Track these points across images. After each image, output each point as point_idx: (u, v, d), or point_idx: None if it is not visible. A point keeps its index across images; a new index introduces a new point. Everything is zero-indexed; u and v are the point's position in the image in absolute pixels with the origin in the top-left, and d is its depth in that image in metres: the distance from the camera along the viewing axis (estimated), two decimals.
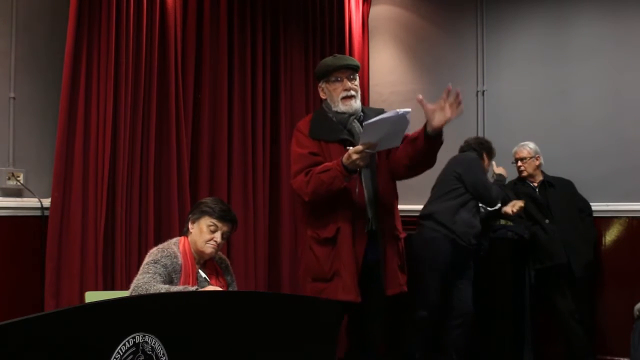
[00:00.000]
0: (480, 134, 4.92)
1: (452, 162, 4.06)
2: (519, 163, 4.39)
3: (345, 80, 2.97)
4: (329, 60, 3.05)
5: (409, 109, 2.69)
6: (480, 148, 4.15)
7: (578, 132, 4.61)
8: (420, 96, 2.69)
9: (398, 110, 2.66)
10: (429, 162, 2.89)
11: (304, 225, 3.04)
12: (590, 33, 4.64)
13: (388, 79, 5.36)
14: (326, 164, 2.86)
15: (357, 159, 2.72)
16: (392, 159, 2.96)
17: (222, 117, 3.98)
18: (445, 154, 3.00)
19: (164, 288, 2.49)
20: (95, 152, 3.24)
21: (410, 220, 4.80)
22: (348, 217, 2.89)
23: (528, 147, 4.39)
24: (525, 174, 4.37)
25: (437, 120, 2.68)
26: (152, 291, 2.47)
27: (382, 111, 3.04)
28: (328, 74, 2.98)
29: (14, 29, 3.18)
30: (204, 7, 3.90)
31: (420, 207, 4.16)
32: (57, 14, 3.32)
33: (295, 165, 2.96)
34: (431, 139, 2.74)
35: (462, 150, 4.25)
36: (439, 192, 4.00)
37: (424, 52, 5.27)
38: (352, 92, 2.98)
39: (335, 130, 2.95)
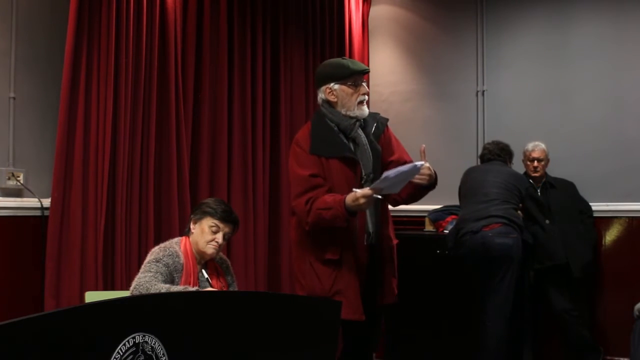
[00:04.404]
0: (480, 134, 4.92)
1: (511, 176, 4.10)
2: (535, 163, 4.36)
3: (362, 85, 2.92)
4: (344, 62, 2.95)
5: (424, 162, 2.73)
6: (504, 154, 4.25)
7: (578, 132, 4.61)
8: (424, 146, 2.80)
9: (416, 163, 2.69)
10: (416, 200, 2.99)
11: (303, 240, 2.95)
12: (590, 33, 4.64)
13: (388, 79, 5.36)
14: (327, 199, 2.76)
15: (363, 202, 2.67)
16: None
17: (222, 117, 3.98)
18: (445, 154, 3.00)
19: (164, 288, 2.49)
20: (95, 152, 3.24)
21: (405, 221, 4.80)
22: (351, 236, 2.86)
23: (542, 148, 4.38)
24: (538, 174, 4.36)
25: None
26: (152, 291, 2.47)
27: (376, 115, 3.05)
28: (346, 77, 2.89)
29: (14, 29, 3.18)
30: (204, 7, 3.90)
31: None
32: (57, 14, 3.32)
33: (296, 188, 2.88)
34: (424, 188, 2.84)
35: (486, 158, 4.26)
36: (501, 197, 3.98)
37: (424, 52, 5.27)
38: (367, 97, 2.95)
39: (337, 144, 2.87)
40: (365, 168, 2.89)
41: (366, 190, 2.67)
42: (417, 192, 2.90)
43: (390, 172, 2.64)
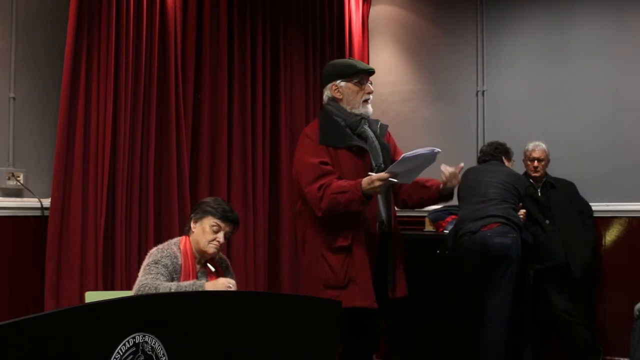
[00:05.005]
0: (480, 134, 4.92)
1: (509, 176, 4.08)
2: (536, 163, 4.36)
3: (367, 84, 2.99)
4: (351, 61, 3.05)
5: (440, 150, 2.76)
6: (498, 153, 4.23)
7: (578, 132, 4.61)
8: (462, 165, 2.92)
9: (434, 148, 2.72)
10: (422, 207, 3.14)
11: (313, 232, 2.95)
12: (590, 33, 4.64)
13: (388, 79, 5.36)
14: (342, 184, 2.80)
15: (379, 186, 2.72)
16: (394, 186, 2.98)
17: (222, 117, 3.99)
18: (445, 154, 3.00)
19: (174, 286, 2.51)
20: (95, 152, 3.24)
21: (405, 221, 4.79)
22: (363, 223, 2.88)
23: (543, 148, 4.38)
24: (538, 174, 4.36)
25: (450, 185, 2.89)
26: (161, 289, 2.49)
27: (377, 121, 3.10)
28: (352, 75, 2.96)
29: (14, 29, 3.18)
30: (204, 7, 3.90)
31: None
32: (57, 14, 3.32)
33: (307, 176, 2.89)
34: (443, 198, 2.94)
35: (481, 160, 4.27)
36: (499, 196, 3.97)
37: (424, 52, 5.26)
38: (371, 97, 3.01)
39: (344, 136, 2.93)
40: (375, 159, 2.94)
41: (382, 174, 2.72)
42: (430, 200, 3.00)
43: (409, 154, 2.68)
